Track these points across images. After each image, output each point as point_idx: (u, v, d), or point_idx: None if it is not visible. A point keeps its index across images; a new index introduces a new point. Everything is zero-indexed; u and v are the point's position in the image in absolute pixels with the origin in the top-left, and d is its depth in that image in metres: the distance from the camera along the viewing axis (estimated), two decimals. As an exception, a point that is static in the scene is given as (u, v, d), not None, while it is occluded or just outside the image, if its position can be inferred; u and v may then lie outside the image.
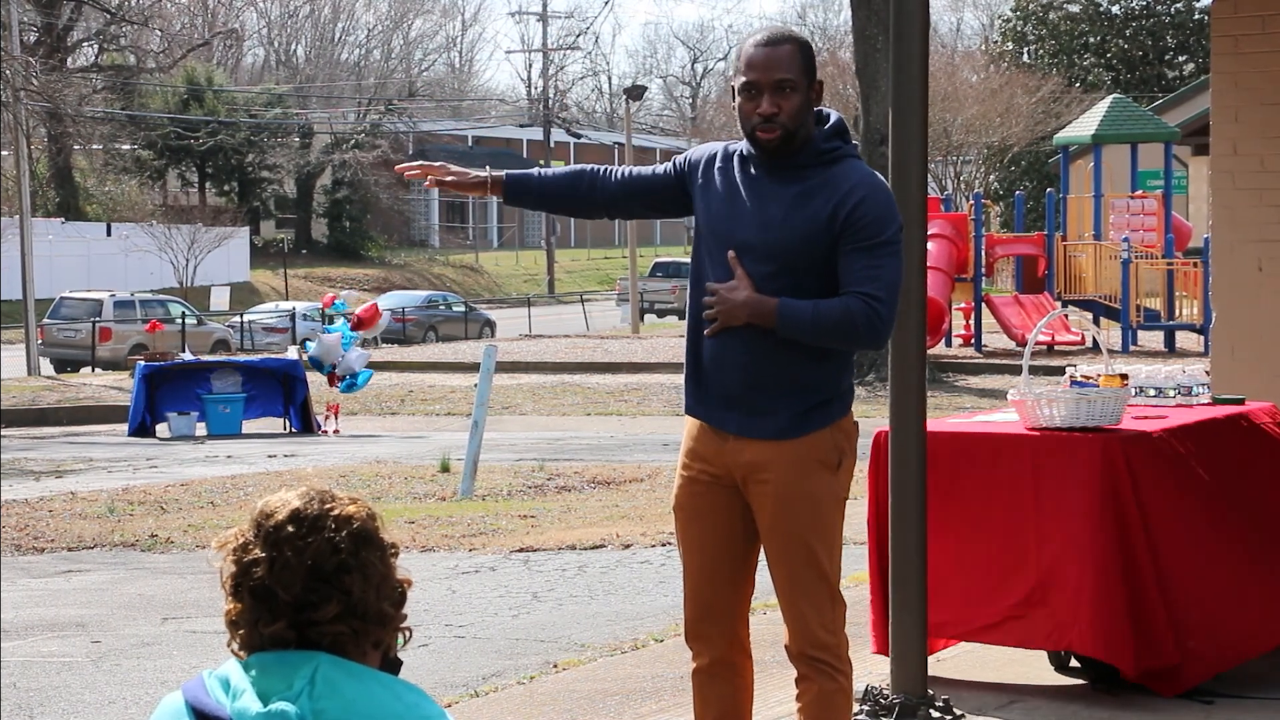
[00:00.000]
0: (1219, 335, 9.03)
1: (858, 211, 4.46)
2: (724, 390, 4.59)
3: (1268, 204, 8.85)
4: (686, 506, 4.71)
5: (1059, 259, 30.83)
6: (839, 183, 4.50)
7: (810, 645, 4.60)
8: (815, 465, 4.56)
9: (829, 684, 4.61)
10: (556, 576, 10.32)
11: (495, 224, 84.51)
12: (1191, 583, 6.31)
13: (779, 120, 4.47)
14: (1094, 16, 62.51)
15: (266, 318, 43.51)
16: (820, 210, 4.49)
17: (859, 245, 4.46)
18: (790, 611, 4.63)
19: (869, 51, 24.86)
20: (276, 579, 2.74)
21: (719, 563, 4.69)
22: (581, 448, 19.19)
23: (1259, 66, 8.84)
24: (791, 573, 4.60)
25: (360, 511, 2.82)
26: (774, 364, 4.53)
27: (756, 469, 4.58)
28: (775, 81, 4.47)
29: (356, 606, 2.76)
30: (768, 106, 4.47)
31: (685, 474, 4.70)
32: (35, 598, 10.07)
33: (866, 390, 24.17)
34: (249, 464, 18.00)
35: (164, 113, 63.49)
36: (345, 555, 2.76)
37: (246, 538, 2.79)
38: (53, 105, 44.90)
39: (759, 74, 4.48)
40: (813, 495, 4.56)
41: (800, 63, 4.50)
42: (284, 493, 2.83)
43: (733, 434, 4.59)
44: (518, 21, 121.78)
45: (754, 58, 4.49)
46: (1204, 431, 6.65)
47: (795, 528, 4.57)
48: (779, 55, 4.48)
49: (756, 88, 4.48)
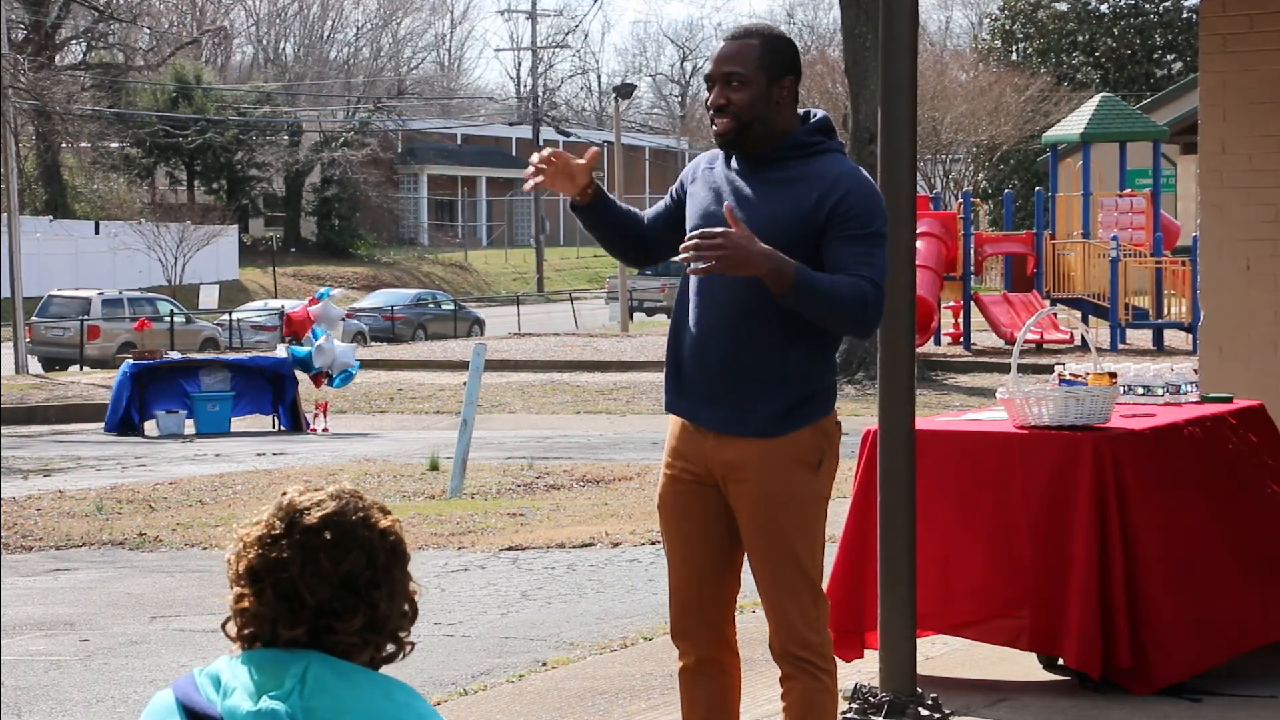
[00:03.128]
0: (1207, 334, 9.04)
1: (846, 201, 4.50)
2: (706, 384, 4.58)
3: (1256, 203, 8.87)
4: (670, 505, 4.72)
5: (1048, 257, 30.85)
6: (824, 173, 4.55)
7: (794, 644, 4.60)
8: (795, 465, 4.55)
9: (813, 683, 4.61)
10: (545, 575, 10.32)
11: (484, 222, 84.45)
12: (1174, 581, 6.32)
13: (728, 111, 4.59)
14: (1082, 15, 62.55)
15: (255, 316, 43.46)
16: (804, 197, 4.52)
17: (849, 233, 4.49)
18: (773, 611, 4.63)
19: (858, 50, 24.86)
20: (306, 583, 2.72)
21: (703, 561, 4.70)
22: (571, 446, 19.19)
23: (1247, 65, 8.85)
24: (774, 572, 4.60)
25: (395, 525, 2.80)
26: (758, 353, 4.53)
27: (736, 468, 4.58)
28: (724, 74, 4.61)
29: (379, 620, 2.76)
30: (716, 97, 4.62)
31: (668, 473, 4.72)
32: (23, 596, 10.05)
33: (855, 388, 24.18)
34: (238, 462, 17.98)
35: (152, 110, 63.37)
36: (379, 571, 2.75)
37: (275, 531, 2.75)
38: (41, 103, 44.86)
39: (711, 67, 4.66)
40: (793, 495, 4.56)
41: (758, 57, 4.58)
42: (310, 490, 2.79)
43: (713, 432, 4.60)
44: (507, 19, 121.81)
45: (714, 51, 4.68)
46: (1192, 430, 6.66)
47: (776, 528, 4.57)
48: (733, 49, 4.62)
49: (710, 80, 4.65)
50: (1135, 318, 30.68)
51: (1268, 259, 8.86)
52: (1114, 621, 6.14)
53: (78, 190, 62.24)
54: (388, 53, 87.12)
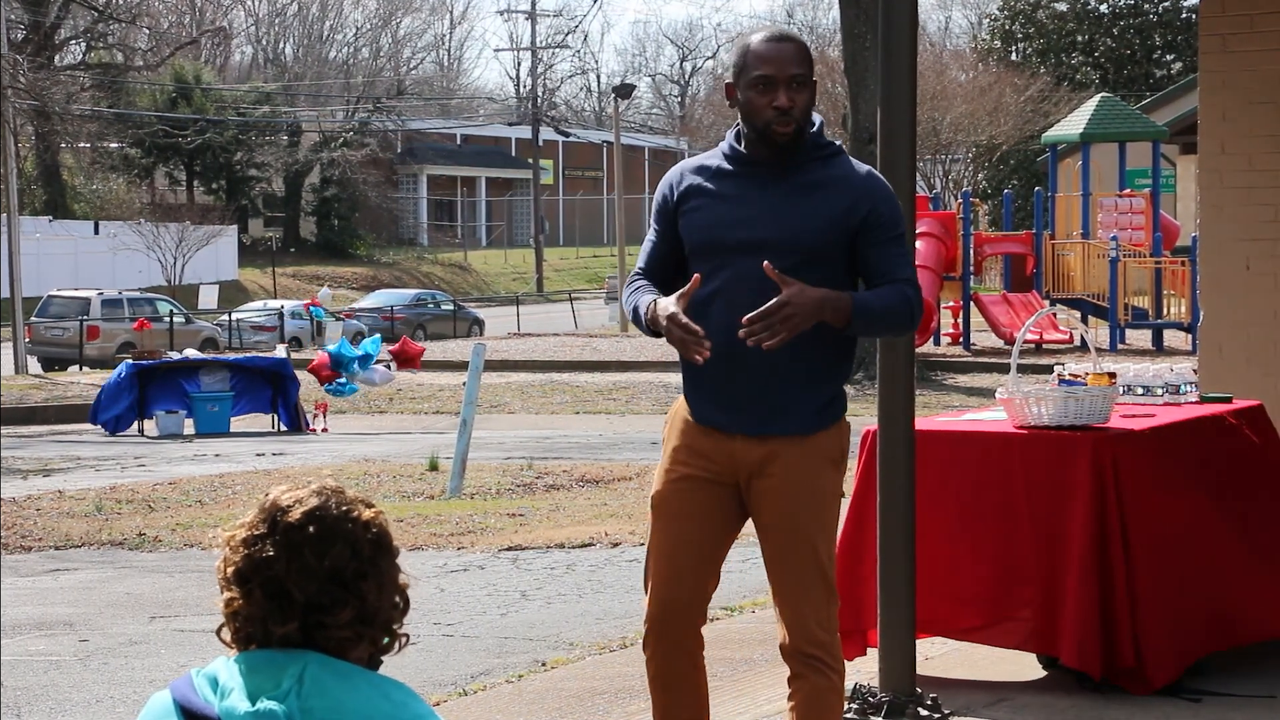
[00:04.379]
0: (1207, 334, 9.04)
1: (881, 207, 4.54)
2: (739, 391, 4.57)
3: (1255, 203, 8.86)
4: (673, 504, 4.68)
5: (1047, 257, 30.85)
6: (849, 177, 4.57)
7: (808, 643, 4.59)
8: (824, 462, 4.60)
9: (823, 681, 4.60)
10: (545, 575, 10.32)
11: (484, 222, 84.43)
12: (1174, 581, 6.32)
13: (793, 114, 4.51)
14: (1082, 15, 62.55)
15: (255, 316, 43.46)
16: (836, 202, 4.53)
17: (885, 238, 4.54)
18: (790, 609, 4.61)
19: (857, 50, 24.86)
20: (293, 580, 2.73)
21: (702, 561, 4.69)
22: (570, 446, 19.18)
23: (1247, 65, 8.85)
24: (795, 570, 4.59)
25: (378, 517, 2.81)
26: (794, 359, 4.53)
27: (766, 464, 4.57)
28: (790, 76, 4.50)
29: (369, 612, 2.76)
30: (785, 100, 4.49)
31: (681, 470, 4.66)
32: (23, 596, 10.05)
33: (855, 389, 24.14)
34: (237, 462, 17.98)
35: (152, 111, 63.37)
36: (365, 562, 2.76)
37: (259, 531, 2.77)
38: (40, 103, 44.85)
39: (775, 68, 4.50)
40: (821, 491, 4.60)
41: (809, 60, 4.57)
42: (293, 488, 2.81)
43: (744, 434, 4.59)
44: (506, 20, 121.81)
45: (767, 52, 4.52)
46: (1191, 430, 6.66)
47: (802, 524, 4.58)
48: (791, 50, 4.54)
49: (771, 82, 4.50)
50: (1135, 318, 30.67)
51: (1268, 259, 8.86)
52: (1117, 621, 6.13)
53: (77, 190, 62.23)
54: (387, 53, 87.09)
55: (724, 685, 6.73)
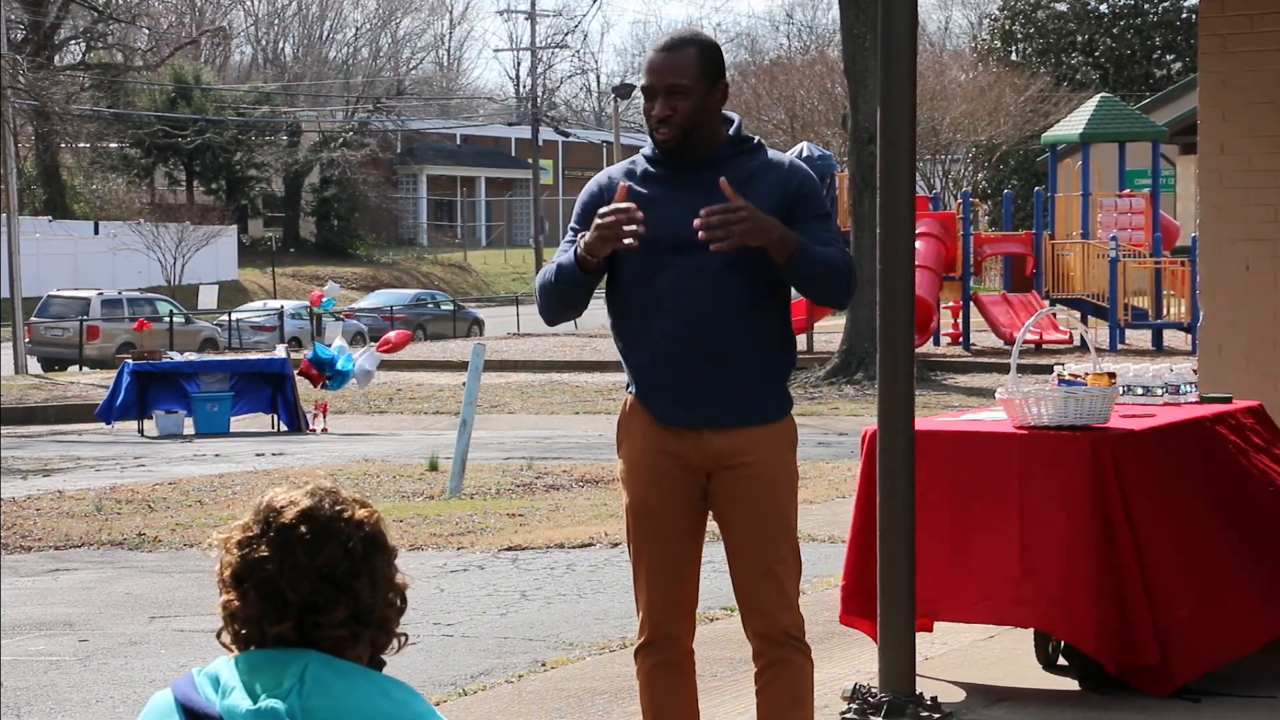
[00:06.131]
0: (1206, 334, 9.04)
1: (805, 188, 4.69)
2: (696, 386, 4.65)
3: (1255, 203, 8.87)
4: (654, 503, 4.75)
5: (1047, 258, 30.85)
6: (774, 166, 4.71)
7: (793, 625, 4.72)
8: (788, 446, 4.76)
9: (801, 659, 4.75)
10: (545, 575, 10.32)
11: (483, 222, 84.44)
12: (1178, 581, 6.32)
13: (673, 121, 4.64)
14: (1082, 15, 62.55)
15: (254, 316, 43.46)
16: (767, 191, 4.63)
17: (812, 214, 4.68)
18: (764, 594, 4.71)
19: (857, 50, 24.86)
20: (286, 579, 2.74)
21: (690, 556, 4.81)
22: (570, 446, 19.18)
23: (1247, 65, 8.85)
24: (771, 554, 4.70)
25: (371, 515, 2.82)
26: (752, 354, 4.65)
27: (733, 454, 4.66)
28: (668, 85, 4.64)
29: (363, 611, 2.77)
30: (661, 109, 4.65)
31: (654, 473, 4.73)
32: (23, 596, 10.05)
33: (855, 388, 24.20)
34: (237, 462, 17.98)
35: (151, 111, 63.37)
36: (357, 561, 2.76)
37: (252, 532, 2.78)
38: (40, 103, 44.85)
39: (654, 79, 4.68)
40: (790, 473, 4.76)
41: (698, 66, 4.64)
42: (288, 489, 2.82)
43: (712, 427, 4.67)
44: (506, 20, 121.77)
45: (652, 62, 4.70)
46: (1191, 430, 6.66)
47: (775, 508, 4.70)
48: (674, 60, 4.65)
49: (651, 91, 4.68)
50: (1134, 318, 30.67)
51: (1267, 259, 8.87)
52: (1134, 621, 6.11)
53: (77, 190, 62.23)
54: (387, 53, 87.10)
55: (724, 685, 6.74)
